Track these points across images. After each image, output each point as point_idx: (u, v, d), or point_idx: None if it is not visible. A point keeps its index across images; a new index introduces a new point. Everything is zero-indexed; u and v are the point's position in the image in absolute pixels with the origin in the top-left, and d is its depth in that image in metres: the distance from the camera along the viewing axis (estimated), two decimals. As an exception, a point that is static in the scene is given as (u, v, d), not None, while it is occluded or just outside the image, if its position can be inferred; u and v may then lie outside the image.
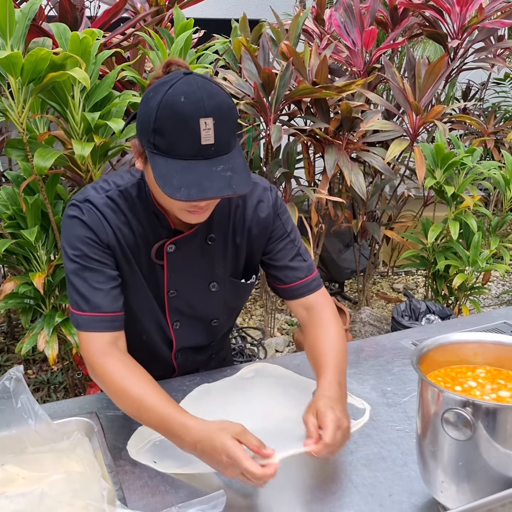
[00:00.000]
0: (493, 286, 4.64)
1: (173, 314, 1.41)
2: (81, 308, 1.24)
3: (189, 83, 1.09)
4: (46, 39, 2.06)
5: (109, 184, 1.30)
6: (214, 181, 1.10)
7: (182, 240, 1.32)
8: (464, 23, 3.49)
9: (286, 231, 1.42)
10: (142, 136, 1.14)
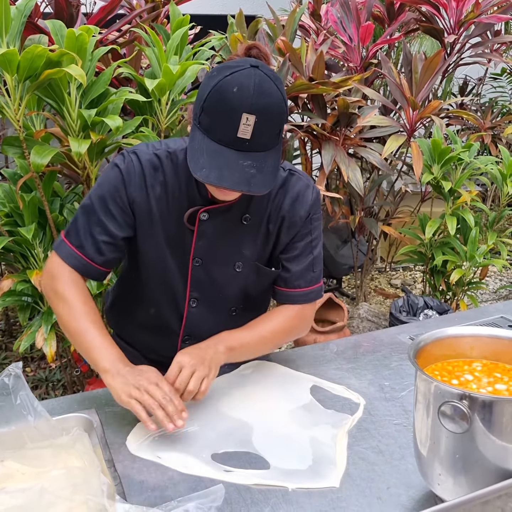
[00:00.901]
0: (491, 281, 4.65)
1: (193, 287, 1.41)
2: (70, 238, 1.34)
3: (249, 76, 1.13)
4: (42, 36, 2.06)
5: (161, 144, 1.36)
6: (235, 173, 1.14)
7: (216, 211, 1.34)
8: (461, 18, 3.49)
9: (311, 236, 1.43)
10: (195, 107, 1.20)
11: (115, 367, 1.24)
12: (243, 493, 1.09)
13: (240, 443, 1.23)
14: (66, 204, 2.34)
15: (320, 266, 1.47)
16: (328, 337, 3.01)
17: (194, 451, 1.20)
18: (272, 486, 1.11)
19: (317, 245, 1.45)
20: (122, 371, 1.23)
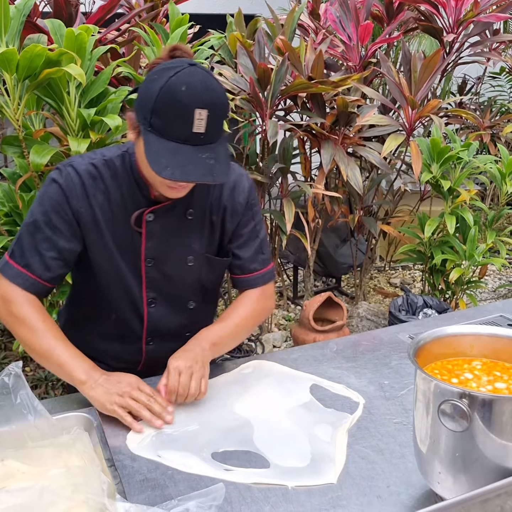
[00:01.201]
0: (490, 280, 4.65)
1: (149, 288, 1.44)
2: (15, 257, 1.35)
3: (192, 74, 1.19)
4: (41, 35, 2.06)
5: (96, 154, 1.39)
6: (198, 166, 1.20)
7: (161, 210, 1.38)
8: (460, 17, 3.49)
9: (253, 220, 1.50)
10: (140, 112, 1.23)
11: (92, 377, 1.29)
12: (243, 492, 1.09)
13: (240, 442, 1.23)
14: (65, 203, 2.34)
15: (268, 248, 1.56)
16: (328, 336, 3.01)
17: (195, 449, 1.21)
18: (272, 485, 1.11)
19: (261, 228, 1.53)
20: (99, 380, 1.29)
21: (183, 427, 1.26)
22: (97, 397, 1.27)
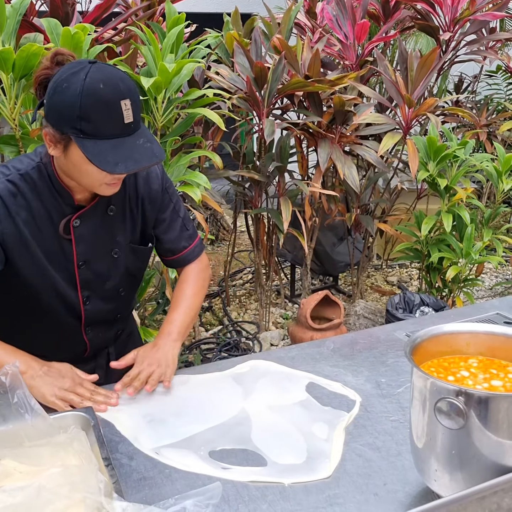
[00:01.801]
0: (487, 278, 4.66)
1: (83, 288, 1.47)
2: None
3: (101, 71, 1.22)
4: (37, 34, 2.06)
5: (9, 169, 1.35)
6: (142, 153, 1.25)
7: (85, 214, 1.41)
8: (456, 16, 3.50)
9: (172, 203, 1.56)
10: (63, 123, 1.22)
11: (31, 368, 1.34)
12: (241, 490, 1.09)
13: (237, 440, 1.24)
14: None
15: (191, 223, 1.62)
16: (325, 334, 3.01)
17: (192, 447, 1.21)
18: (269, 483, 1.11)
19: (180, 207, 1.60)
20: (40, 372, 1.34)
21: (182, 428, 1.27)
22: (38, 387, 1.31)
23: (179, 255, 1.61)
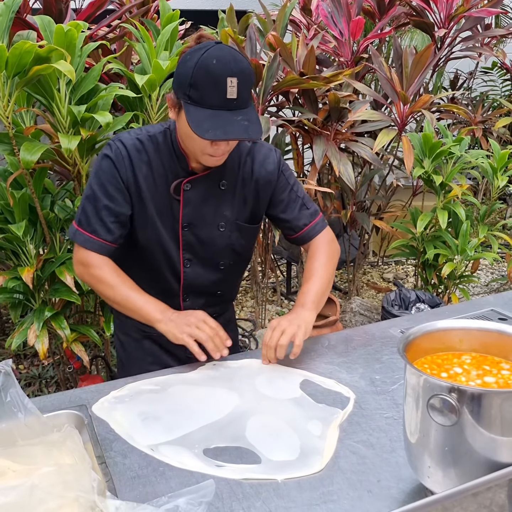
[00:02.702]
0: (482, 275, 4.67)
1: (185, 250, 1.62)
2: (82, 225, 1.56)
3: (220, 49, 1.38)
4: (30, 32, 2.05)
5: (141, 130, 1.58)
6: (235, 127, 1.37)
7: (197, 180, 1.56)
8: (451, 12, 3.50)
9: (289, 184, 1.67)
10: (179, 89, 1.41)
11: (165, 316, 1.52)
12: (234, 488, 1.09)
13: (231, 438, 1.23)
14: (57, 200, 2.34)
15: (312, 203, 1.72)
16: (321, 331, 3.01)
17: (187, 445, 1.21)
18: (262, 480, 1.11)
19: (299, 188, 1.70)
20: (171, 317, 1.51)
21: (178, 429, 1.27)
22: (170, 330, 1.49)
23: (300, 233, 1.71)
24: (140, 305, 1.54)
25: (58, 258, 2.26)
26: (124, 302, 1.56)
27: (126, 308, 1.57)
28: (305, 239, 1.72)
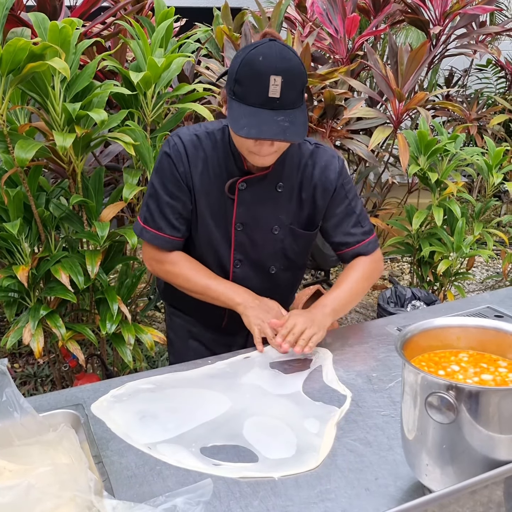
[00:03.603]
0: (477, 272, 4.68)
1: (237, 250, 1.62)
2: (148, 223, 1.60)
3: (270, 47, 1.35)
4: (24, 29, 2.04)
5: (200, 126, 1.59)
6: (272, 127, 1.34)
7: (252, 180, 1.55)
8: (446, 9, 3.50)
9: (347, 198, 1.62)
10: (227, 84, 1.41)
11: (246, 300, 1.56)
12: (232, 487, 1.09)
13: (228, 436, 1.23)
14: (52, 199, 2.32)
15: (368, 221, 1.67)
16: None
17: (184, 444, 1.20)
18: (260, 478, 1.11)
19: (357, 204, 1.65)
20: (252, 304, 1.56)
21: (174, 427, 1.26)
22: (248, 316, 1.54)
23: (350, 249, 1.65)
24: (220, 292, 1.57)
25: (53, 257, 2.25)
26: (204, 291, 1.59)
27: (207, 296, 1.60)
28: (354, 255, 1.67)
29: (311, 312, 1.55)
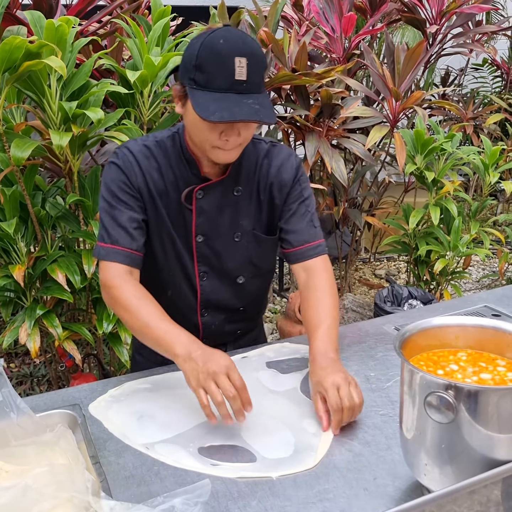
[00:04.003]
0: (474, 271, 4.68)
1: (200, 263, 1.52)
2: (104, 240, 1.43)
3: (228, 30, 1.29)
4: (20, 27, 2.03)
5: (148, 136, 1.50)
6: (244, 108, 1.26)
7: (210, 187, 1.46)
8: (442, 9, 3.50)
9: (303, 196, 1.53)
10: (184, 75, 1.31)
11: (186, 351, 1.26)
12: (230, 487, 1.08)
13: (226, 436, 1.23)
14: (48, 198, 2.32)
15: (319, 222, 1.58)
16: (314, 328, 3.01)
17: (182, 444, 1.20)
18: (258, 478, 1.10)
19: (311, 203, 1.56)
20: (193, 355, 1.24)
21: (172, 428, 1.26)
22: (186, 371, 1.24)
23: (298, 248, 1.53)
24: (158, 335, 1.31)
25: (50, 256, 2.24)
26: (141, 330, 1.35)
27: (143, 337, 1.36)
28: (300, 256, 1.53)
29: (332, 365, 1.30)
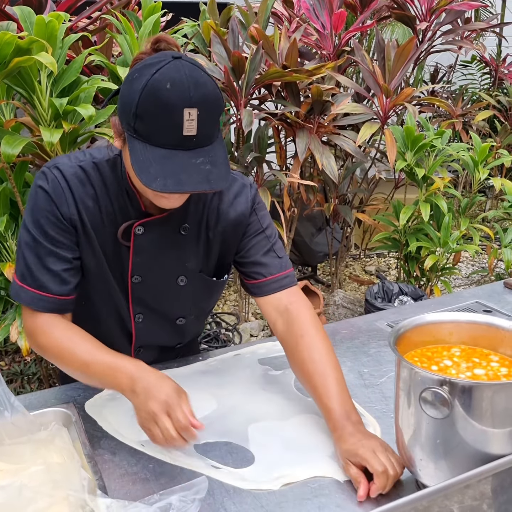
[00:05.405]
0: (463, 267, 4.71)
1: (136, 304, 1.34)
2: (26, 281, 1.21)
3: (177, 69, 1.05)
4: (10, 23, 2.01)
5: (85, 155, 1.26)
6: (192, 174, 1.06)
7: (152, 223, 1.26)
8: (432, 5, 3.51)
9: (261, 227, 1.35)
10: (123, 117, 1.10)
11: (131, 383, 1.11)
12: (226, 484, 1.08)
13: (220, 433, 1.23)
14: (38, 195, 2.30)
15: (284, 253, 1.38)
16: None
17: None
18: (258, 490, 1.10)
19: (272, 233, 1.37)
20: (137, 389, 1.10)
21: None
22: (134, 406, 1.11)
23: (263, 280, 1.33)
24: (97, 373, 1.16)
25: (40, 253, 2.23)
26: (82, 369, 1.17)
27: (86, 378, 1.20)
28: (264, 290, 1.33)
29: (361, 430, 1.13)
